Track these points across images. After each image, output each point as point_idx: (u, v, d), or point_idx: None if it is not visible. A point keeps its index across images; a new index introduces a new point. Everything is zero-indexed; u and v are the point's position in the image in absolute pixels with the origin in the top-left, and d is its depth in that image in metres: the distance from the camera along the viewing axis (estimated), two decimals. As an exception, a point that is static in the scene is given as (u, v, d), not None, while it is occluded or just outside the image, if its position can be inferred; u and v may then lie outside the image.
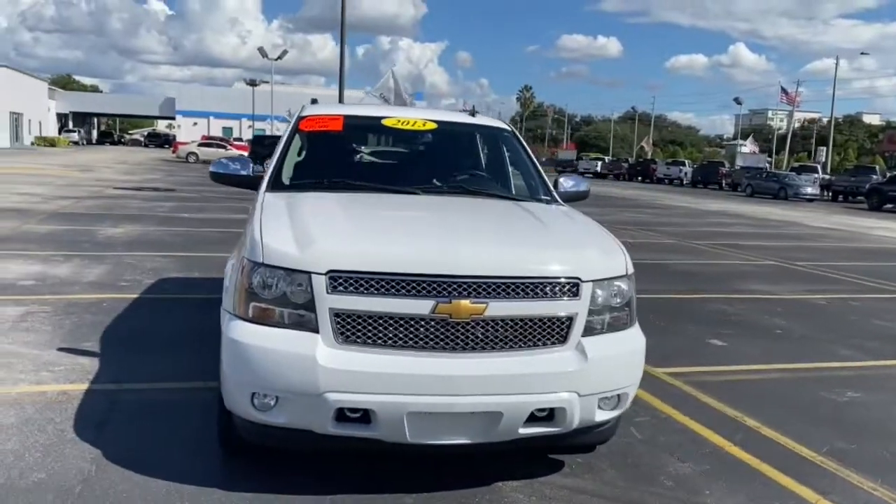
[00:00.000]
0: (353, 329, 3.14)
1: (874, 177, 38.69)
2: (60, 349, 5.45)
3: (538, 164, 5.06)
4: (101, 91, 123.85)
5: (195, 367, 5.04)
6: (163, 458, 3.73)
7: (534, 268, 3.32)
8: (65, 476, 3.49)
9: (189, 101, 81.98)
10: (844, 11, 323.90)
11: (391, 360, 3.13)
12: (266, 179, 4.43)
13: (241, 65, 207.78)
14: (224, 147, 48.59)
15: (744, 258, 13.33)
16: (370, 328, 3.15)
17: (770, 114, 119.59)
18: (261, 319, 3.22)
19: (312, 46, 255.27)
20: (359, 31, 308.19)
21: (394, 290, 3.12)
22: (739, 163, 54.75)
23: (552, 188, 4.86)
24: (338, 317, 3.13)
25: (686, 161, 62.11)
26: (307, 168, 4.76)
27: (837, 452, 4.30)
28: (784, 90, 61.63)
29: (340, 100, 25.17)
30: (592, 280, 3.39)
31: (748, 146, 64.79)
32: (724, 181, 50.28)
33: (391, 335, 3.15)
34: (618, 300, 3.53)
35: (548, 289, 3.30)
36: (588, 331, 3.38)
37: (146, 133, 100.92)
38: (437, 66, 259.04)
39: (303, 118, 4.97)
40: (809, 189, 39.59)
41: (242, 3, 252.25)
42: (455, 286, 3.15)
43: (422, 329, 3.15)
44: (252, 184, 4.64)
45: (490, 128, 5.38)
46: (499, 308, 3.20)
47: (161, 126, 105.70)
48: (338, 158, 5.00)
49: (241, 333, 3.22)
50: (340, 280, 3.12)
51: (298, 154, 4.86)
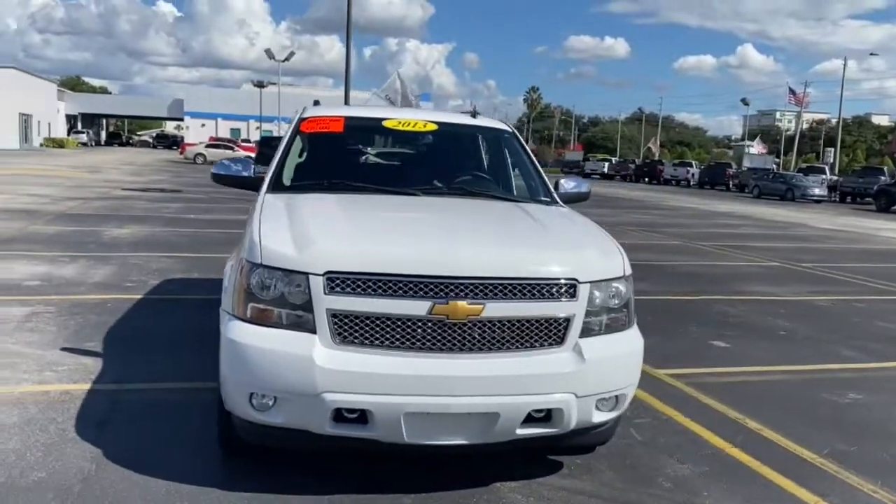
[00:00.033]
0: (351, 330, 3.16)
1: (882, 178, 38.50)
2: (64, 349, 5.49)
3: (538, 166, 5.06)
4: (110, 92, 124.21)
5: (197, 368, 5.06)
6: (163, 458, 3.76)
7: (531, 269, 3.32)
8: (65, 475, 3.51)
9: (197, 103, 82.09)
10: (853, 12, 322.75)
11: (388, 361, 3.14)
12: (267, 181, 4.44)
13: (250, 66, 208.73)
14: (231, 148, 48.68)
15: (749, 259, 13.30)
16: (367, 329, 3.16)
17: (778, 115, 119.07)
18: (259, 320, 3.24)
19: (320, 48, 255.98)
20: (366, 33, 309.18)
21: (391, 291, 3.13)
22: (747, 164, 54.59)
23: (552, 189, 4.86)
24: (335, 317, 3.14)
25: (693, 162, 61.97)
26: (308, 169, 4.78)
27: (838, 454, 4.28)
28: (792, 91, 61.39)
29: (346, 101, 25.23)
30: (590, 281, 3.39)
31: (756, 147, 64.55)
32: (732, 182, 50.17)
33: (388, 336, 3.16)
34: (616, 301, 3.53)
35: (545, 290, 3.30)
36: (586, 332, 3.38)
37: (154, 134, 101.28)
38: (445, 68, 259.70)
39: (304, 120, 4.98)
40: (817, 190, 39.43)
41: (250, 5, 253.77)
42: (452, 287, 3.15)
43: (419, 330, 3.16)
44: (253, 185, 4.65)
45: (490, 129, 5.38)
46: (496, 309, 3.21)
47: (169, 127, 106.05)
48: (338, 160, 5.01)
49: (240, 334, 3.24)
50: (338, 281, 3.13)
51: (299, 155, 4.88)
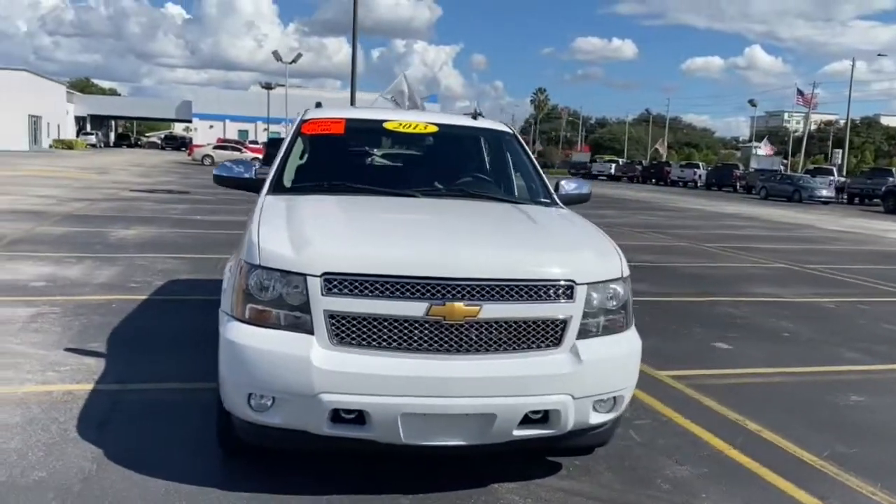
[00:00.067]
0: (348, 331, 3.17)
1: (890, 179, 38.23)
2: (67, 350, 5.52)
3: (538, 167, 5.07)
4: (119, 94, 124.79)
5: (198, 368, 5.07)
6: (163, 458, 3.78)
7: (528, 270, 3.33)
8: (65, 475, 3.54)
9: (205, 105, 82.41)
10: (862, 13, 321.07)
11: (385, 362, 3.16)
12: (267, 182, 4.46)
13: (258, 68, 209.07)
14: (239, 150, 48.86)
15: (754, 261, 13.26)
16: (364, 330, 3.17)
17: (786, 116, 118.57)
18: (257, 321, 3.26)
19: (328, 50, 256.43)
20: (374, 35, 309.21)
21: (388, 293, 3.15)
22: (754, 165, 54.42)
23: (552, 191, 4.87)
24: (332, 318, 3.16)
25: (700, 163, 61.83)
26: (308, 171, 4.80)
27: (838, 456, 4.27)
28: (800, 92, 61.11)
29: (352, 102, 25.30)
30: (587, 283, 3.39)
31: (763, 148, 64.30)
32: (739, 184, 50.05)
33: (385, 337, 3.18)
34: (613, 303, 3.53)
35: (542, 291, 3.31)
36: (583, 333, 3.39)
37: (163, 136, 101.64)
38: (452, 69, 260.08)
39: (305, 121, 5.00)
40: (824, 191, 39.27)
41: (258, 7, 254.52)
42: (449, 288, 3.17)
43: (416, 331, 3.18)
44: (254, 186, 4.66)
45: (491, 130, 5.39)
46: (493, 310, 3.22)
47: (178, 129, 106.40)
48: (339, 161, 5.03)
49: (238, 335, 3.26)
50: (335, 282, 3.15)
51: (300, 157, 4.90)
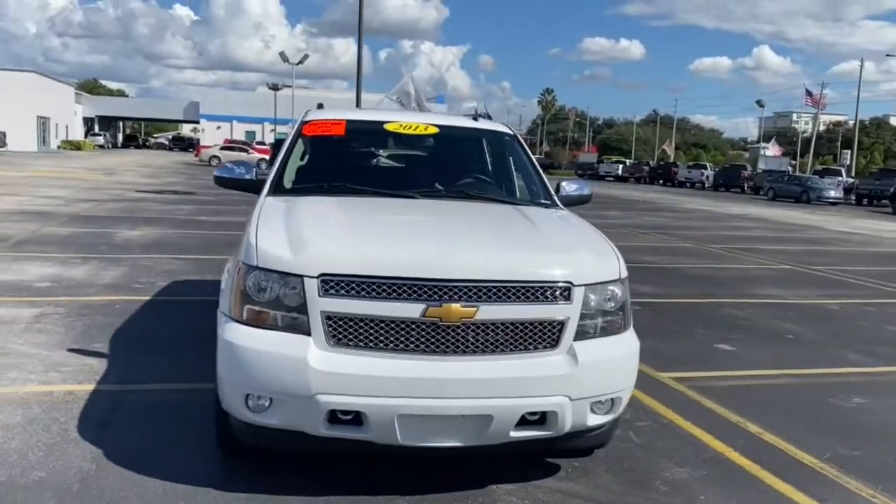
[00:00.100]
0: (345, 332, 3.18)
1: (899, 180, 38.05)
2: (70, 350, 5.55)
3: (539, 168, 5.07)
4: (127, 95, 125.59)
5: (199, 368, 5.06)
6: (162, 458, 3.79)
7: (525, 271, 3.33)
8: (65, 475, 3.55)
9: (213, 105, 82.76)
10: (871, 13, 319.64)
11: (382, 363, 3.16)
12: (268, 183, 4.48)
13: (265, 69, 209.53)
14: (246, 150, 49.01)
15: (760, 262, 13.22)
16: (361, 331, 3.18)
17: (795, 116, 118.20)
18: (255, 322, 3.27)
19: (335, 51, 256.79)
20: (381, 36, 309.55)
21: (384, 294, 3.15)
22: (762, 166, 54.21)
23: (553, 192, 4.87)
24: (329, 319, 3.17)
25: (708, 164, 61.67)
26: (309, 172, 4.82)
27: (839, 459, 4.25)
28: (809, 93, 60.93)
29: (358, 104, 25.33)
30: (584, 284, 3.39)
31: (771, 149, 64.05)
32: (746, 184, 49.86)
33: (382, 338, 3.18)
34: (611, 304, 3.53)
35: (539, 293, 3.31)
36: (580, 335, 3.39)
37: (171, 137, 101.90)
38: (459, 70, 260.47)
39: (306, 123, 5.02)
40: (832, 192, 39.07)
41: (266, 9, 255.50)
42: (446, 290, 3.17)
43: (413, 332, 3.18)
44: (255, 188, 4.68)
45: (491, 132, 5.39)
46: (490, 312, 3.22)
47: (185, 130, 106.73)
48: (339, 163, 5.04)
49: (236, 336, 3.27)
50: (332, 283, 3.15)
51: (301, 158, 4.92)
